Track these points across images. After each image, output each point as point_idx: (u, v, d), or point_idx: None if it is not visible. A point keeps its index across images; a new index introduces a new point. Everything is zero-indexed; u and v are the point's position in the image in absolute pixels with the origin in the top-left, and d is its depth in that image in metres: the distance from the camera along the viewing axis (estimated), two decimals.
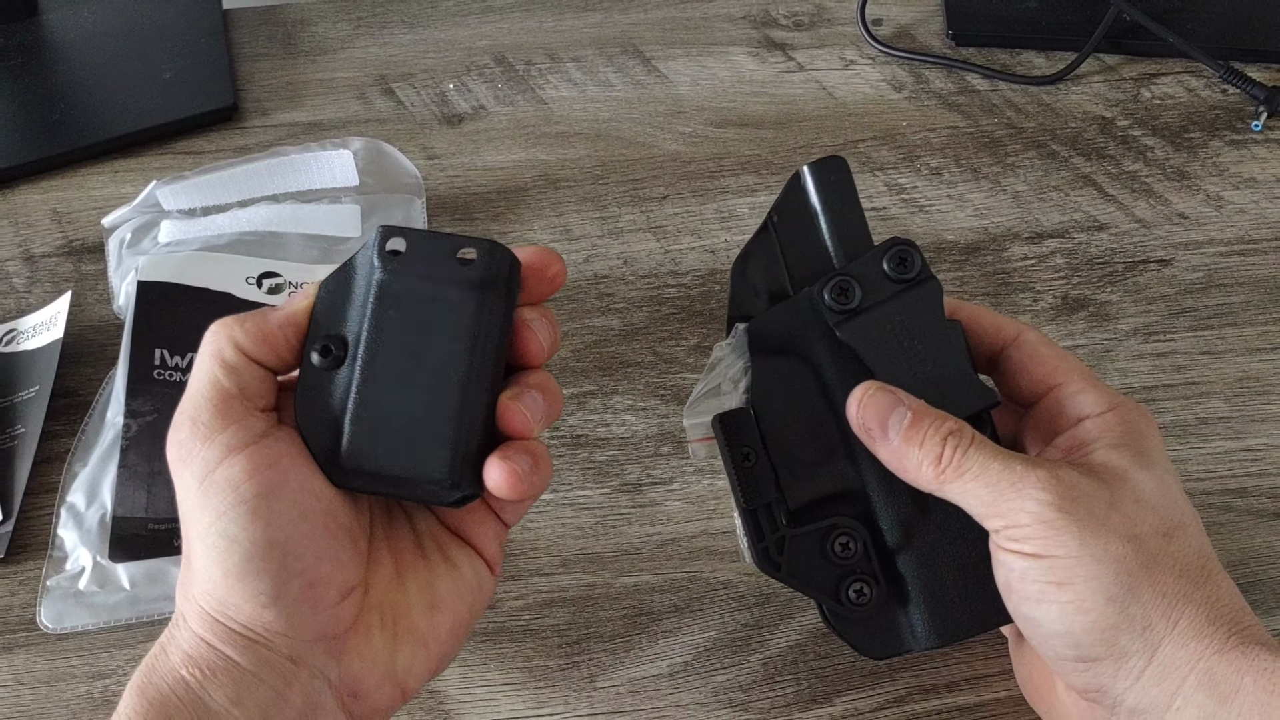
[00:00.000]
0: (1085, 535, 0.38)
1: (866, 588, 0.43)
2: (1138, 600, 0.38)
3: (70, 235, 0.68)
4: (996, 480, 0.39)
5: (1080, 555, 0.38)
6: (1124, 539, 0.38)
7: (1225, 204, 0.69)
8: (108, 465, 0.55)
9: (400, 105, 0.76)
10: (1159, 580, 0.38)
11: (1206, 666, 0.37)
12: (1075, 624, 0.38)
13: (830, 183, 0.44)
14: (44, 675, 0.50)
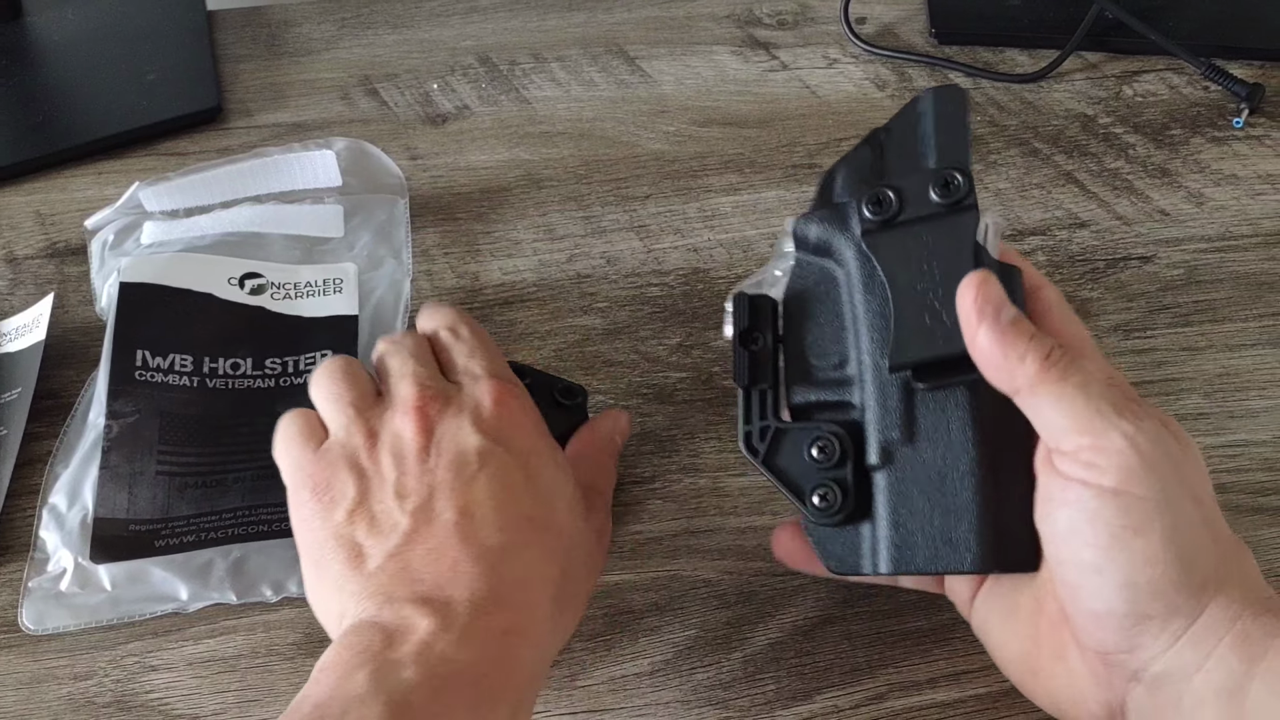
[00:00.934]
0: (1167, 481, 0.37)
1: (833, 495, 0.43)
2: (1200, 559, 0.37)
3: (53, 237, 0.68)
4: (1099, 397, 0.37)
5: (1162, 500, 0.36)
6: (1192, 498, 0.37)
7: (1206, 201, 0.70)
8: (89, 467, 0.55)
9: (384, 106, 0.76)
10: (1216, 542, 0.38)
11: (1242, 628, 0.37)
12: (1142, 577, 0.37)
13: (945, 110, 0.44)
14: (26, 677, 0.51)
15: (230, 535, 0.53)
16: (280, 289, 0.62)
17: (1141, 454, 0.37)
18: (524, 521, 0.43)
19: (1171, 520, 0.36)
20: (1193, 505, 0.37)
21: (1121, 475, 0.37)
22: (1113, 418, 0.37)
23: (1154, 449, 0.37)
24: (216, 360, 0.59)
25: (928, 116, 0.44)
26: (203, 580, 0.52)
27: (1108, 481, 0.37)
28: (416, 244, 0.67)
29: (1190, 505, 0.37)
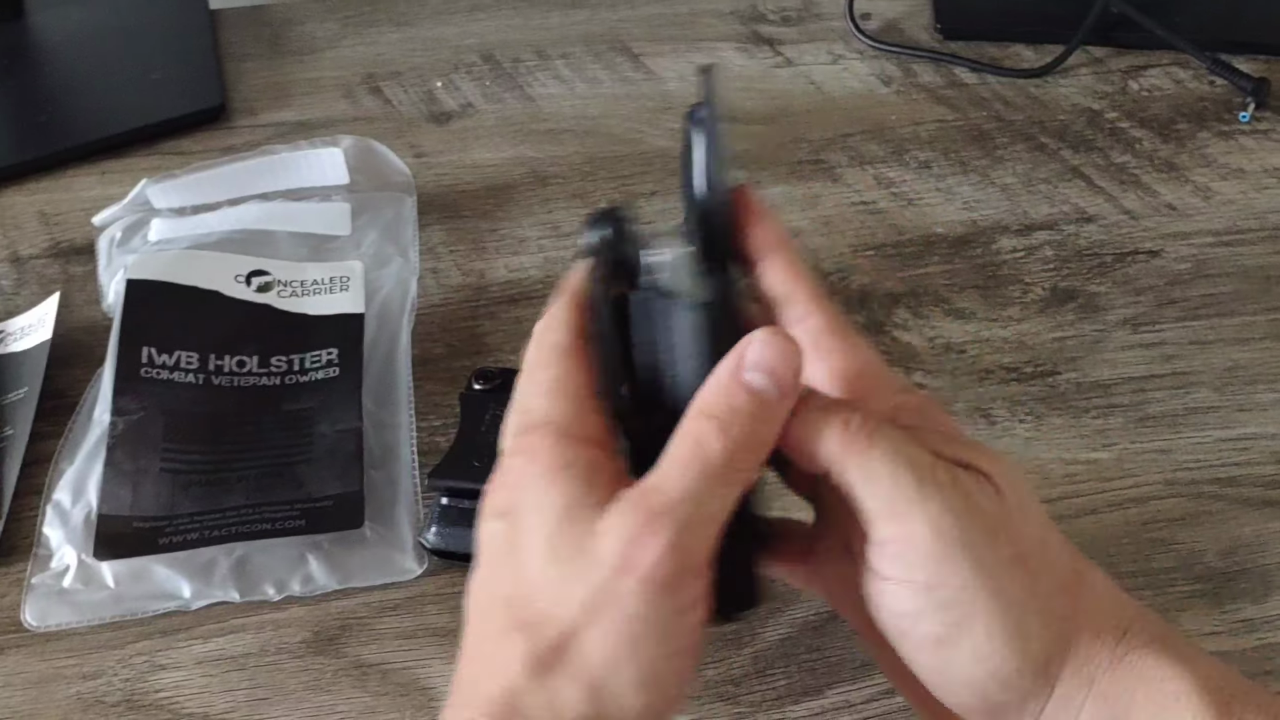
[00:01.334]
0: (984, 559, 0.33)
1: None
2: (1036, 634, 0.33)
3: (58, 237, 0.68)
4: (895, 468, 0.33)
5: (978, 583, 0.33)
6: (1014, 562, 0.33)
7: (1213, 195, 0.70)
8: (94, 463, 0.55)
9: (388, 104, 0.76)
10: (1048, 605, 0.34)
11: (1099, 690, 0.34)
12: (979, 672, 0.34)
13: (698, 121, 0.37)
14: (34, 676, 0.50)
15: (234, 533, 0.53)
16: (287, 286, 0.62)
17: (948, 538, 0.32)
18: (498, 603, 0.34)
19: (993, 603, 0.33)
20: (1016, 573, 0.33)
21: (932, 568, 0.33)
22: (916, 497, 0.33)
23: (962, 523, 0.32)
24: (222, 358, 0.58)
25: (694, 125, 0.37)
26: (205, 578, 0.52)
27: (919, 576, 0.33)
28: (422, 242, 0.67)
29: (1013, 575, 0.33)
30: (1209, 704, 0.33)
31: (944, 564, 0.33)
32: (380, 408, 0.58)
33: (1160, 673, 0.34)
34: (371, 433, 0.57)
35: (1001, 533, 0.33)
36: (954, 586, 0.33)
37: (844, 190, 0.70)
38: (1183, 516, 0.55)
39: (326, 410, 0.57)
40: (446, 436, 0.57)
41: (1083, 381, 0.60)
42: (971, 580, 0.33)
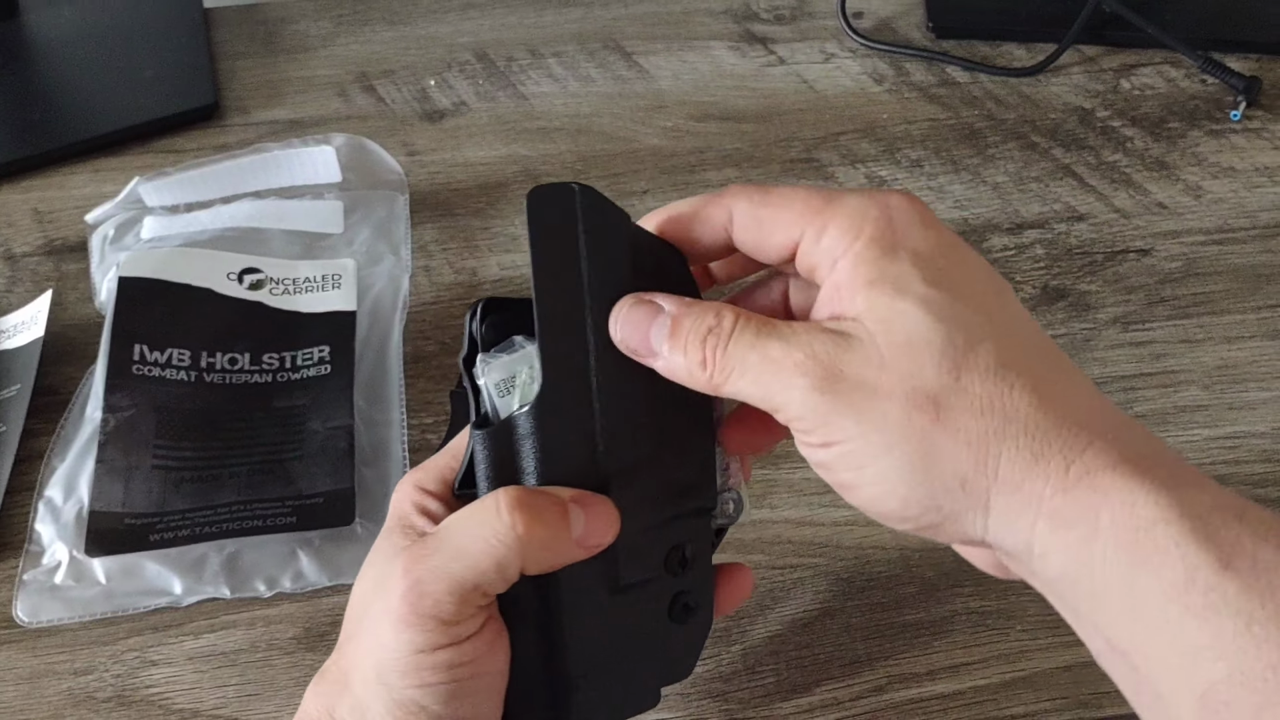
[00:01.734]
0: (860, 411, 0.33)
1: None
2: (940, 459, 0.32)
3: (51, 235, 0.68)
4: (759, 374, 0.34)
5: (862, 433, 0.33)
6: (902, 399, 0.33)
7: (1204, 193, 0.70)
8: (85, 460, 0.55)
9: (381, 102, 0.76)
10: (958, 429, 0.32)
11: (1050, 509, 0.32)
12: (890, 502, 0.34)
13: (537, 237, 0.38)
14: (25, 672, 0.50)
15: (225, 530, 0.53)
16: (279, 284, 0.62)
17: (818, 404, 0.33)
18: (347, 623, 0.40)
19: (880, 446, 0.33)
20: (904, 407, 0.33)
21: (818, 433, 0.34)
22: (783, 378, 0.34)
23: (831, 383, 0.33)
24: (214, 355, 0.59)
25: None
26: (196, 574, 0.52)
27: (813, 440, 0.34)
28: (415, 240, 0.67)
29: (899, 411, 0.33)
30: (1191, 531, 0.30)
31: (829, 427, 0.33)
32: (372, 405, 0.59)
33: (1129, 496, 0.31)
34: (363, 430, 0.57)
35: (884, 374, 0.33)
36: (840, 443, 0.34)
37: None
38: None
39: (318, 407, 0.57)
40: (437, 434, 0.58)
41: None
42: (856, 430, 0.33)
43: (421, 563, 0.36)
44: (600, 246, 0.37)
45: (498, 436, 0.38)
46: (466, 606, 0.36)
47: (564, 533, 0.36)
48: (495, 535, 0.35)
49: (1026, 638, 0.51)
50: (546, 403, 0.37)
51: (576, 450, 0.38)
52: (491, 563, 0.36)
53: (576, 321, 0.37)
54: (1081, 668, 0.50)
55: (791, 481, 0.56)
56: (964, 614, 0.51)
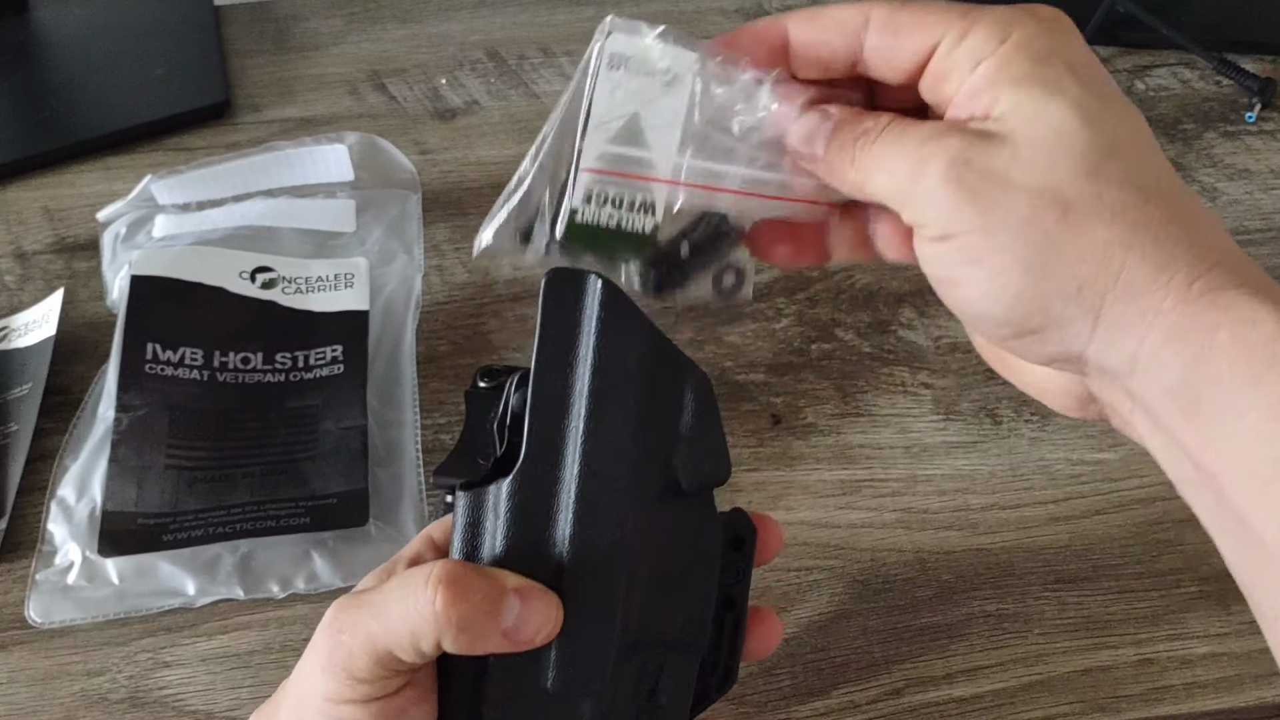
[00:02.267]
0: (986, 204, 0.32)
1: None
2: (1061, 260, 0.32)
3: (62, 232, 0.68)
4: (896, 165, 0.34)
5: (985, 225, 0.32)
6: (1032, 195, 0.32)
7: (1220, 195, 0.69)
8: (98, 459, 0.55)
9: (392, 100, 0.76)
10: (1085, 232, 0.32)
11: (1167, 323, 0.31)
12: (1000, 301, 0.33)
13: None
14: (38, 673, 0.50)
15: (238, 530, 0.53)
16: (291, 283, 0.62)
17: (947, 197, 0.33)
18: None
19: (1001, 239, 0.32)
20: (1033, 203, 0.32)
21: (939, 224, 0.33)
22: (910, 178, 0.33)
23: (960, 171, 0.32)
24: (227, 354, 0.58)
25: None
26: (210, 575, 0.52)
27: (930, 232, 0.34)
28: (427, 239, 0.67)
29: (1027, 206, 0.32)
30: None
31: (951, 218, 0.33)
32: (385, 405, 0.58)
33: (1251, 314, 0.30)
34: (376, 430, 0.57)
35: (1015, 169, 0.32)
36: (963, 233, 0.33)
37: None
38: (1189, 517, 0.54)
39: (331, 407, 0.57)
40: (451, 434, 0.57)
41: None
42: (977, 220, 0.32)
43: (348, 612, 0.36)
44: (611, 342, 0.37)
45: (475, 502, 0.37)
46: (381, 668, 0.35)
47: (490, 619, 0.35)
48: (414, 605, 0.35)
49: (1044, 641, 0.50)
50: (523, 481, 0.36)
51: (539, 539, 0.37)
52: (405, 631, 0.35)
53: (571, 411, 0.37)
54: (1100, 671, 0.49)
55: (807, 484, 0.56)
56: (981, 617, 0.51)
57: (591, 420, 0.36)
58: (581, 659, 0.37)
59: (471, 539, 0.37)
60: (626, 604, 0.37)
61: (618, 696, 0.38)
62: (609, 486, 0.37)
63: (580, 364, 0.37)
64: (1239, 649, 0.50)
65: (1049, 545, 0.54)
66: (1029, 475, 0.56)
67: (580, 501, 0.36)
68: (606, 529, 0.37)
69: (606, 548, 0.37)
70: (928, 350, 0.62)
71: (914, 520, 0.55)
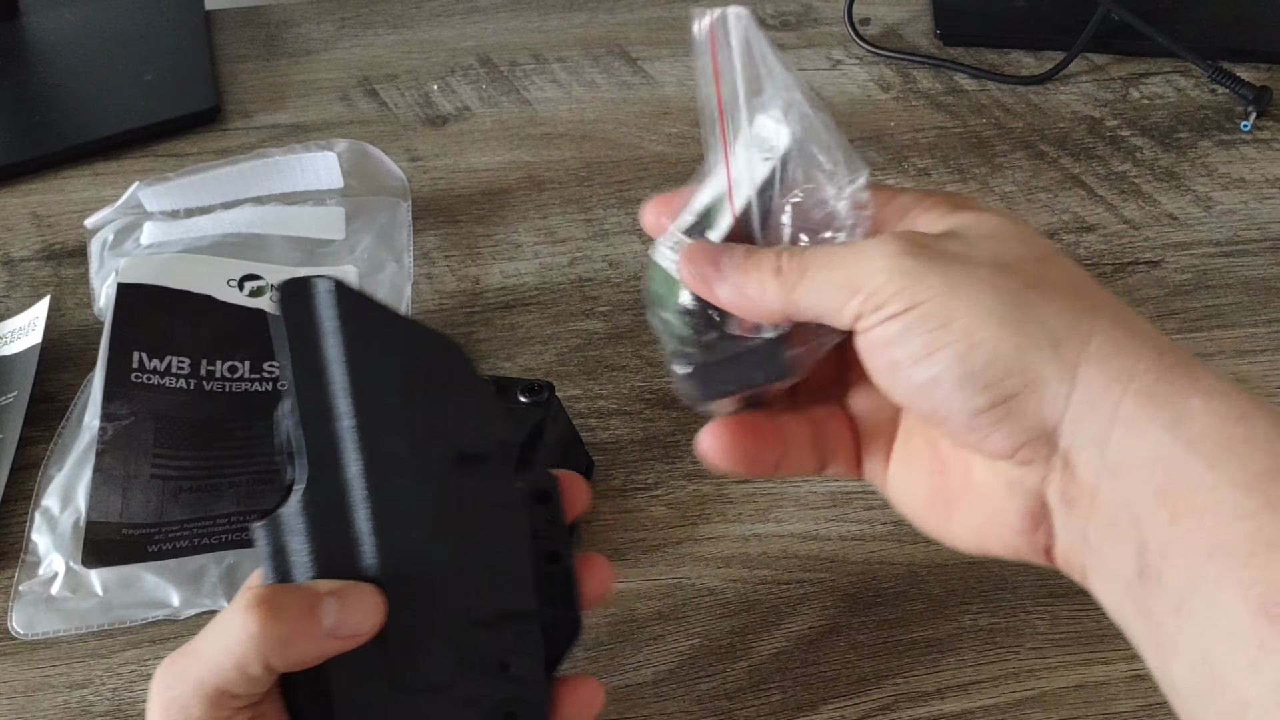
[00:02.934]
0: (948, 270, 0.33)
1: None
2: (1034, 316, 0.32)
3: (50, 239, 0.68)
4: (840, 262, 0.34)
5: (950, 288, 0.32)
6: (994, 267, 0.33)
7: (1214, 205, 0.69)
8: (83, 469, 0.54)
9: (384, 107, 0.76)
10: (1052, 296, 0.32)
11: (1141, 387, 0.31)
12: (975, 360, 0.32)
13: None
14: (21, 685, 0.50)
15: (224, 541, 0.53)
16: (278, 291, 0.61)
17: (908, 266, 0.33)
18: None
19: (972, 297, 0.32)
20: (997, 273, 0.33)
21: (903, 297, 0.33)
22: (863, 265, 0.33)
23: (918, 255, 0.33)
24: (214, 363, 0.58)
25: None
26: (195, 586, 0.52)
27: (894, 309, 0.33)
28: (417, 247, 0.66)
29: (991, 274, 0.33)
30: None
31: (910, 289, 0.33)
32: None
33: (1223, 386, 0.31)
34: None
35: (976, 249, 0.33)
36: (926, 299, 0.32)
37: None
38: None
39: None
40: None
41: None
42: (943, 289, 0.32)
43: (173, 666, 0.36)
44: (359, 341, 0.37)
45: (273, 528, 0.37)
46: (218, 710, 0.35)
47: (310, 626, 0.35)
48: (231, 635, 0.35)
49: (1036, 656, 0.50)
50: (312, 493, 0.37)
51: (344, 543, 0.37)
52: (231, 663, 0.35)
53: (338, 415, 0.37)
54: (1092, 687, 0.49)
55: (798, 495, 0.55)
56: (972, 631, 0.51)
57: (360, 414, 0.37)
58: (418, 647, 0.38)
59: (280, 565, 0.37)
60: (446, 583, 0.38)
61: (468, 681, 0.39)
62: (396, 474, 0.37)
63: (333, 365, 0.37)
64: None
65: None
66: None
67: (372, 496, 0.37)
68: (405, 515, 0.37)
69: (410, 533, 0.37)
70: None
71: (905, 533, 0.54)
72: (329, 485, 0.37)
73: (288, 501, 0.37)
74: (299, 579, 0.37)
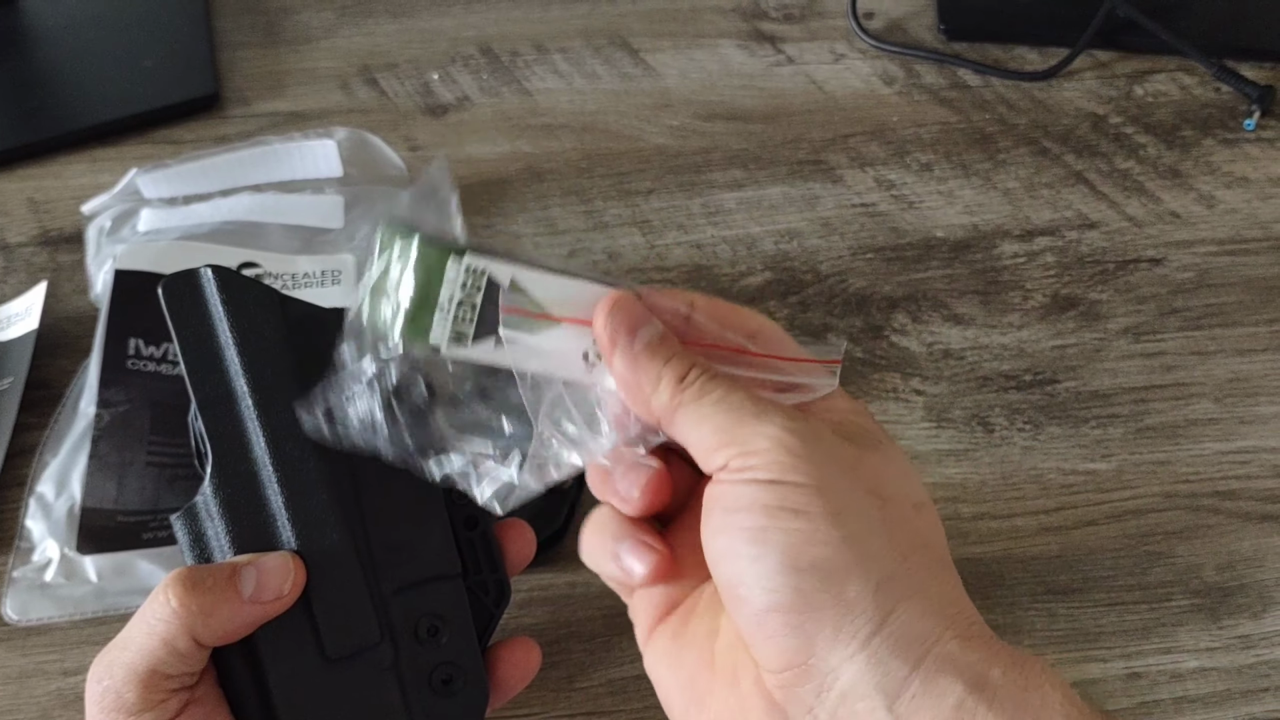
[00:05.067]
0: (827, 471, 0.32)
1: None
2: (877, 553, 0.32)
3: (47, 225, 0.67)
4: (739, 406, 0.34)
5: (820, 486, 0.32)
6: (869, 492, 0.33)
7: (1217, 203, 0.69)
8: (78, 456, 0.54)
9: (383, 95, 0.75)
10: (901, 542, 0.33)
11: (947, 651, 0.31)
12: (804, 557, 0.32)
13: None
14: (14, 671, 0.50)
15: None
16: (277, 279, 0.61)
17: (793, 445, 0.32)
18: None
19: (833, 503, 0.32)
20: (868, 498, 0.33)
21: (775, 468, 0.32)
22: (763, 417, 0.33)
23: (811, 443, 0.33)
24: None
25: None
26: None
27: (761, 475, 0.33)
28: None
29: (863, 498, 0.33)
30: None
31: (788, 466, 0.32)
32: None
33: (1019, 656, 0.32)
34: None
35: (860, 468, 0.33)
36: (795, 482, 0.32)
37: (844, 192, 0.69)
38: (1181, 530, 0.54)
39: None
40: None
41: (1082, 391, 0.59)
42: (818, 480, 0.32)
43: (101, 660, 0.37)
44: (244, 323, 0.39)
45: (189, 518, 0.39)
46: (152, 693, 0.36)
47: (229, 595, 0.37)
48: (155, 615, 0.36)
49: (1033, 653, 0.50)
50: (221, 476, 0.38)
51: (257, 518, 0.38)
52: (158, 643, 0.36)
53: (236, 397, 0.39)
54: (1089, 684, 0.49)
55: None
56: None
57: (256, 395, 0.38)
58: (344, 611, 0.39)
59: (200, 552, 0.39)
60: (364, 549, 0.39)
61: (400, 651, 0.39)
62: (300, 450, 0.38)
63: (226, 351, 0.39)
64: (1229, 663, 0.50)
65: (1039, 556, 0.53)
66: (1020, 484, 0.56)
67: (280, 472, 0.38)
68: (313, 488, 0.38)
69: (322, 504, 0.38)
70: (920, 356, 0.61)
71: None
72: (237, 467, 0.39)
73: (200, 489, 0.39)
74: (219, 561, 0.39)
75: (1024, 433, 0.58)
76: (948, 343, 0.62)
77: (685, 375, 0.35)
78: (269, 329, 0.39)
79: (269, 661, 0.38)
